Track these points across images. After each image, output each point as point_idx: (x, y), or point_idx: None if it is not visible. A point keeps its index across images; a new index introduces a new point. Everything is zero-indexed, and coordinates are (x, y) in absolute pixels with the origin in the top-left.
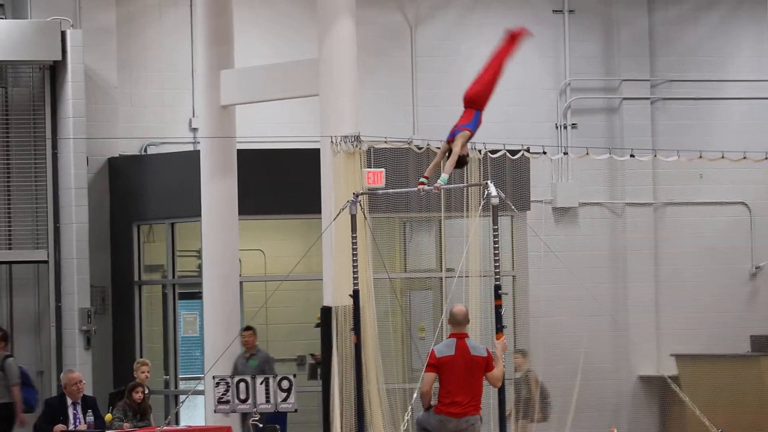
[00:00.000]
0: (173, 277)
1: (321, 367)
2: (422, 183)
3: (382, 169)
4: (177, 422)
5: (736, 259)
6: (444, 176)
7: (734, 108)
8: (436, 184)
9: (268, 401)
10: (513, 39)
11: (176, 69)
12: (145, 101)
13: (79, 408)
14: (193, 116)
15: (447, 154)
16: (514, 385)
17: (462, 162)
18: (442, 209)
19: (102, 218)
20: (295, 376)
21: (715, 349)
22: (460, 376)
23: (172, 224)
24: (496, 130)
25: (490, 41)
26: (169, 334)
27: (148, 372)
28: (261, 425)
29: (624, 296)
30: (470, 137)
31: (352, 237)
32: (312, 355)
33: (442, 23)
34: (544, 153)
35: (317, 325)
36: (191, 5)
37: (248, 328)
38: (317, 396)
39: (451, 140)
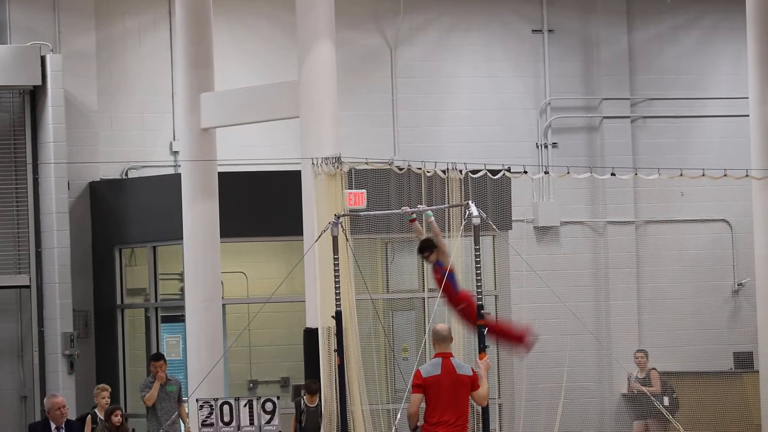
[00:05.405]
0: (156, 300)
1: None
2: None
3: (364, 191)
4: None
5: (718, 276)
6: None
7: (714, 125)
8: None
9: (251, 423)
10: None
11: (156, 92)
12: (126, 125)
13: None
14: (174, 139)
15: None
16: (639, 383)
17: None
18: (424, 230)
19: (84, 242)
20: (278, 398)
21: (698, 367)
22: (446, 396)
23: (154, 248)
24: (476, 150)
25: (470, 61)
26: None
27: (108, 397)
28: None
29: (606, 314)
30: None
31: (334, 258)
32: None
33: (421, 44)
34: (525, 172)
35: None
36: (171, 29)
37: (159, 357)
38: None
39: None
